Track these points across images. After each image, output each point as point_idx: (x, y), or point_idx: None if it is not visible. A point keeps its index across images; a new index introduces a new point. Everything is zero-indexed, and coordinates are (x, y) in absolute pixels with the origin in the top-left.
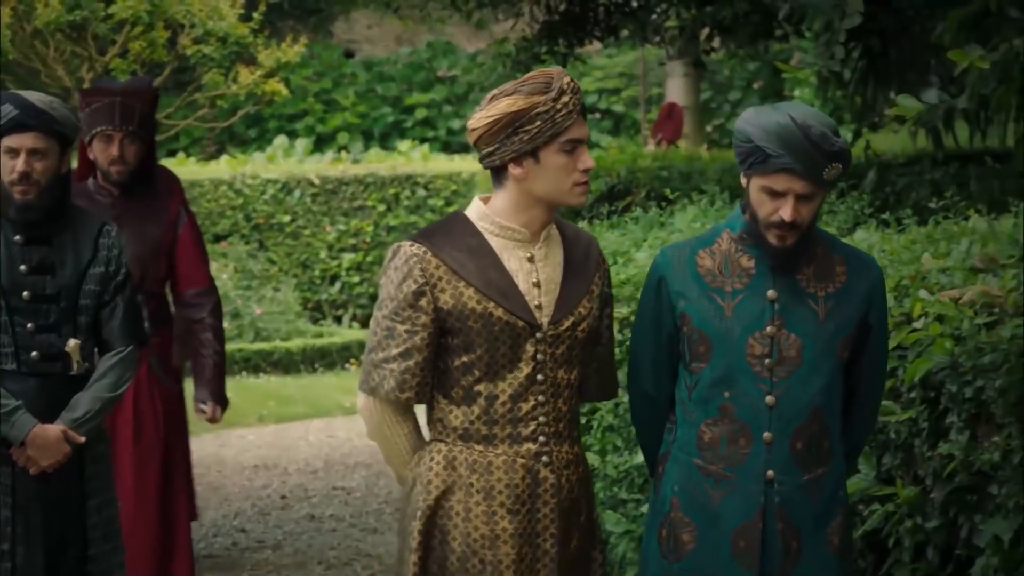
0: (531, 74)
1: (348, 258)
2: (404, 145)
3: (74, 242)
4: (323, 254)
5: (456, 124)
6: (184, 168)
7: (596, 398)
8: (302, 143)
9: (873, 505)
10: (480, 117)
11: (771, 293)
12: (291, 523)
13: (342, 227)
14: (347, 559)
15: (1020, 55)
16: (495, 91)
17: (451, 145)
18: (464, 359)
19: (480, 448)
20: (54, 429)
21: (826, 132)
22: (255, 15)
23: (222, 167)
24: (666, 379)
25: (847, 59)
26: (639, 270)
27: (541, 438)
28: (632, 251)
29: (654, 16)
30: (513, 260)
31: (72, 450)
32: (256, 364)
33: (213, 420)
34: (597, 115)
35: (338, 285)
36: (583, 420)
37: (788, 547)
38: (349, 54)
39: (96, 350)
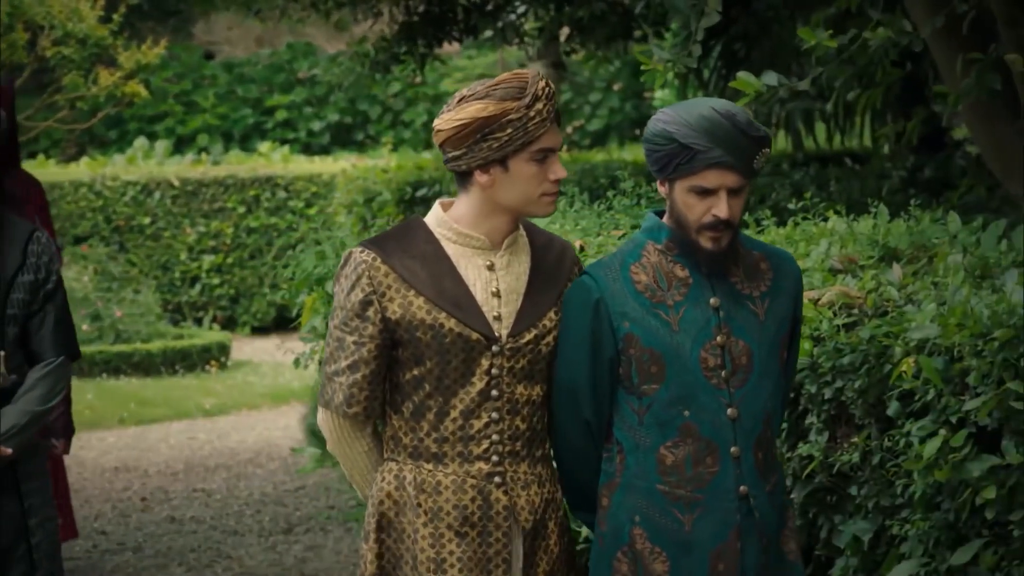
0: (504, 77)
1: (208, 260)
2: (264, 147)
3: (0, 250)
4: (183, 256)
5: (317, 126)
6: (44, 170)
7: None
8: (162, 145)
9: None
10: (448, 119)
11: (713, 300)
12: (151, 525)
13: (202, 229)
14: (208, 561)
15: (877, 54)
16: (465, 91)
17: (311, 147)
18: (414, 372)
19: (429, 467)
20: None
21: (749, 118)
22: (115, 17)
23: (82, 169)
24: (606, 405)
25: (706, 59)
26: None
27: (495, 458)
28: None
29: (513, 17)
30: (471, 268)
31: (3, 462)
32: (116, 366)
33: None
34: None
35: (198, 287)
36: None
37: (763, 562)
38: (209, 56)
39: (25, 362)
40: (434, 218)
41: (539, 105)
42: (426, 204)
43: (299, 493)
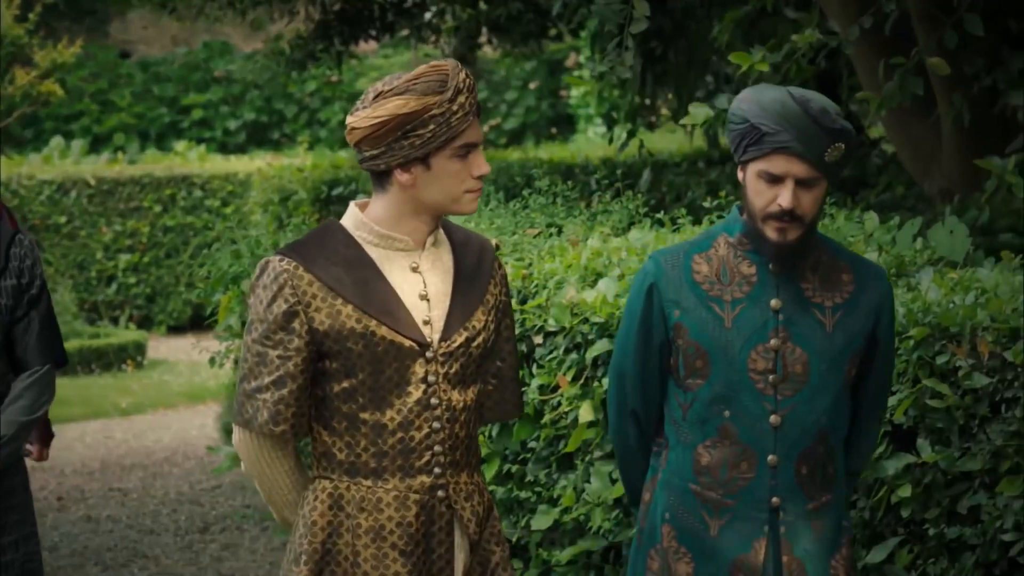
0: (422, 69)
1: (124, 259)
2: (181, 146)
3: None
4: (99, 255)
5: (232, 124)
6: None
7: (495, 418)
8: (78, 144)
9: None
10: (364, 116)
11: (774, 303)
12: (67, 524)
13: (118, 228)
14: (124, 560)
15: (798, 54)
16: (380, 86)
17: (227, 145)
18: (345, 385)
19: (368, 483)
20: None
21: (827, 108)
22: (31, 16)
23: None
24: (654, 395)
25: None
26: None
27: (436, 469)
28: None
29: (429, 15)
30: (396, 271)
31: None
32: None
33: None
34: None
35: (115, 286)
36: None
37: None
38: (125, 55)
39: (10, 370)
40: (351, 220)
41: (461, 98)
42: (342, 203)
43: (215, 492)
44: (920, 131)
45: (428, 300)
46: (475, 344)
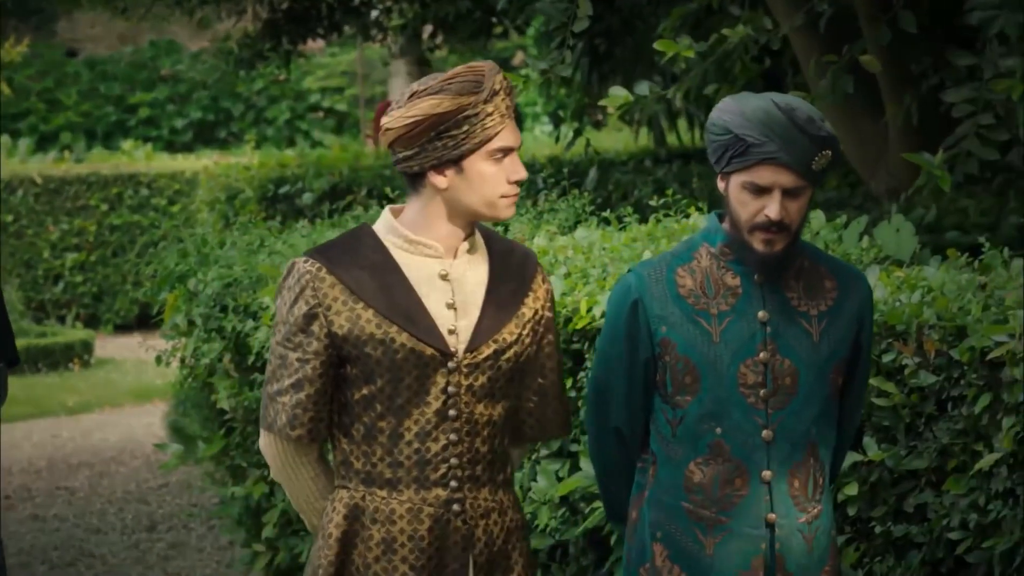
0: (458, 69)
1: (71, 257)
2: (127, 144)
3: None
4: (46, 254)
5: (179, 123)
6: None
7: (538, 437)
8: (25, 142)
9: (594, 503)
10: (398, 116)
11: (762, 314)
12: (14, 523)
13: (65, 227)
14: (71, 559)
15: (737, 50)
16: (417, 86)
17: (174, 144)
18: (364, 392)
19: (383, 494)
20: None
21: (812, 116)
22: None
23: None
24: (640, 412)
25: (574, 59)
26: None
27: (453, 483)
28: None
29: (376, 13)
30: (424, 278)
31: None
32: None
33: None
34: (320, 114)
35: (61, 285)
36: None
37: None
38: (72, 53)
39: None
40: (383, 225)
41: (497, 100)
42: (289, 201)
43: (162, 491)
44: (868, 130)
45: (456, 309)
46: (505, 357)
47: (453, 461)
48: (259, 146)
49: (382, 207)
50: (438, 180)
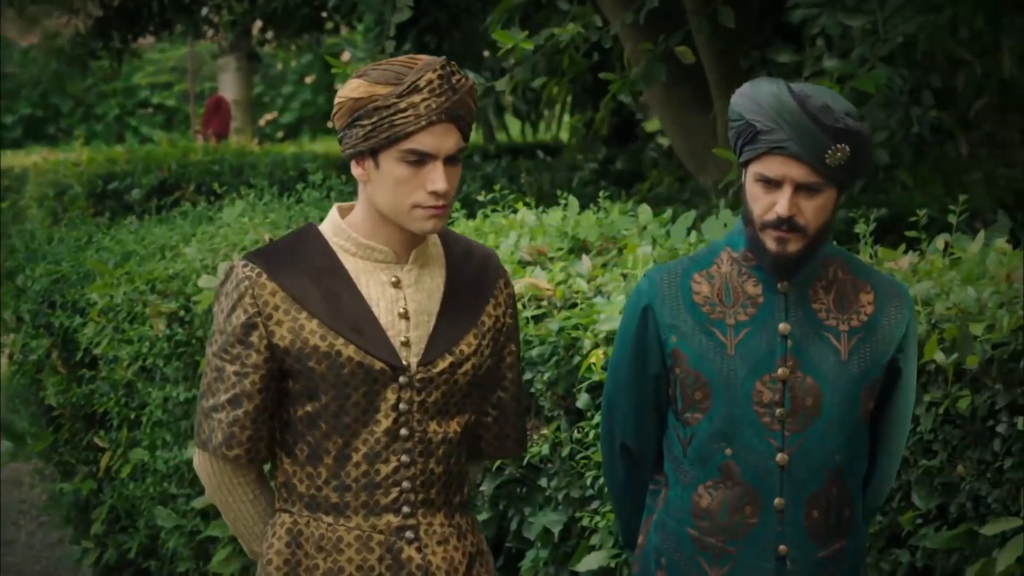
0: (399, 58)
1: None
2: None
3: None
4: None
5: (9, 119)
6: None
7: (495, 455)
8: None
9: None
10: (337, 94)
11: (783, 327)
12: None
13: None
14: None
15: (567, 46)
16: (364, 68)
17: (3, 140)
18: (308, 409)
19: (329, 520)
20: None
21: (829, 105)
22: None
23: None
24: (650, 430)
25: (397, 52)
26: (187, 264)
27: (405, 508)
28: (181, 246)
29: (206, 10)
30: (374, 285)
31: None
32: None
33: None
34: (150, 110)
35: None
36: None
37: None
38: None
39: None
40: (330, 226)
41: (415, 98)
42: (118, 197)
43: None
44: (696, 125)
45: (408, 319)
46: (462, 370)
47: (405, 484)
48: (88, 142)
49: (210, 203)
50: (357, 170)
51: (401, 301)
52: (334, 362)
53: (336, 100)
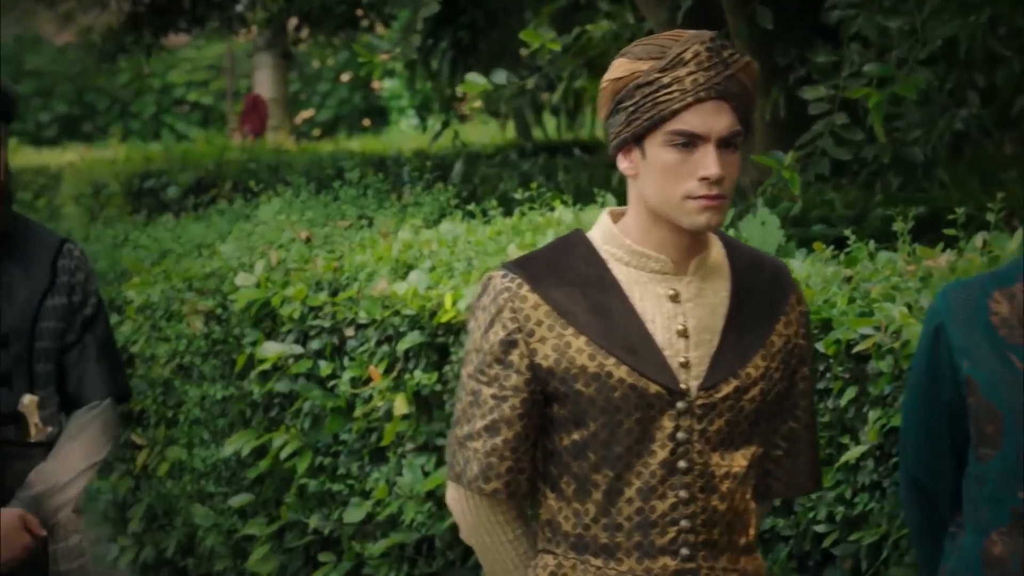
0: (666, 33)
1: None
2: None
3: (24, 266)
4: None
5: (45, 117)
6: None
7: (784, 492)
8: None
9: None
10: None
11: None
12: None
13: None
14: None
15: (600, 44)
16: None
17: (40, 139)
18: (575, 437)
19: (598, 563)
20: (9, 514)
21: None
22: None
23: None
24: (944, 463)
25: (433, 50)
26: (223, 262)
27: (684, 550)
28: (217, 244)
29: (240, 6)
30: (649, 299)
31: (36, 541)
32: None
33: None
34: (186, 107)
35: None
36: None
37: None
38: None
39: (61, 407)
40: (600, 232)
41: (680, 71)
42: (154, 195)
43: None
44: None
45: (688, 337)
46: (748, 396)
47: (684, 523)
48: (124, 140)
49: (247, 200)
50: (623, 164)
51: (680, 317)
52: (604, 385)
53: (600, 87)
